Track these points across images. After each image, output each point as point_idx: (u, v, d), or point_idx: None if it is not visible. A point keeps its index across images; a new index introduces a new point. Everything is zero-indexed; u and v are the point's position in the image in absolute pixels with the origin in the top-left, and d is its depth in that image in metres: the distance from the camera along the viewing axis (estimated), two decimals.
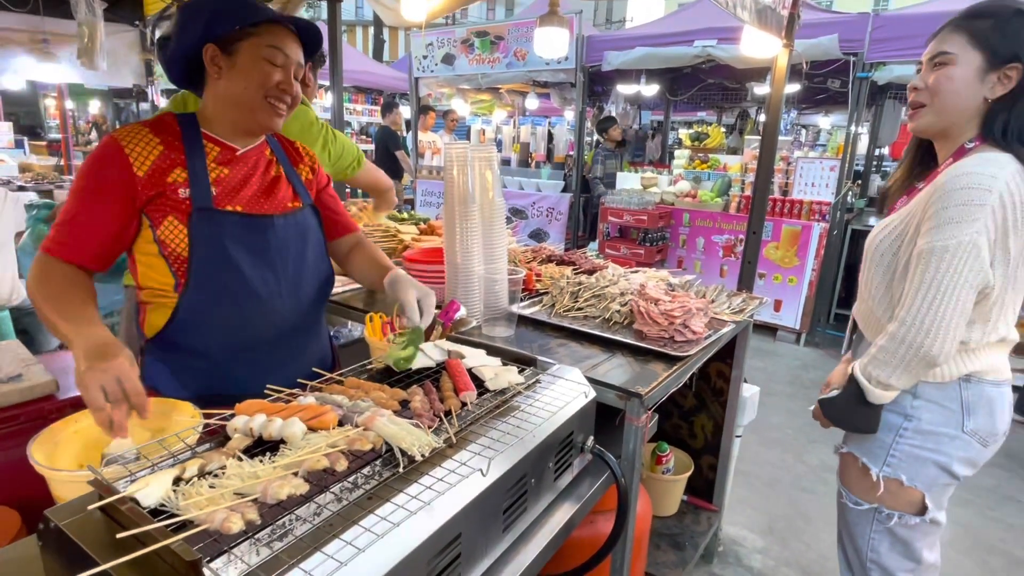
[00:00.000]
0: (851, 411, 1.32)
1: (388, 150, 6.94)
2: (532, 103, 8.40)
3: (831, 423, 1.39)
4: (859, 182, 6.90)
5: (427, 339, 1.29)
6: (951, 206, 1.14)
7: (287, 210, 1.31)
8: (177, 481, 0.77)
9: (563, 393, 1.17)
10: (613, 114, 7.30)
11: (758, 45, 2.34)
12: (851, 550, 1.48)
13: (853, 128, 4.88)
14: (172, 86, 1.84)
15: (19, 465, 1.00)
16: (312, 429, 0.90)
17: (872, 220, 5.48)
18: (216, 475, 0.80)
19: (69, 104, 8.51)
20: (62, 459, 0.97)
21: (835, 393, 1.37)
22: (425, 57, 6.83)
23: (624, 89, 6.82)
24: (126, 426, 0.95)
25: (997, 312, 1.23)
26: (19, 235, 3.17)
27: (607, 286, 1.83)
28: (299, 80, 1.25)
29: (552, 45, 3.12)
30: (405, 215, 2.68)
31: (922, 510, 1.34)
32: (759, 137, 5.26)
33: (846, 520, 1.47)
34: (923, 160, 1.41)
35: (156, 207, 1.16)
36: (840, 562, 1.55)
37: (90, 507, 0.73)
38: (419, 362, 1.20)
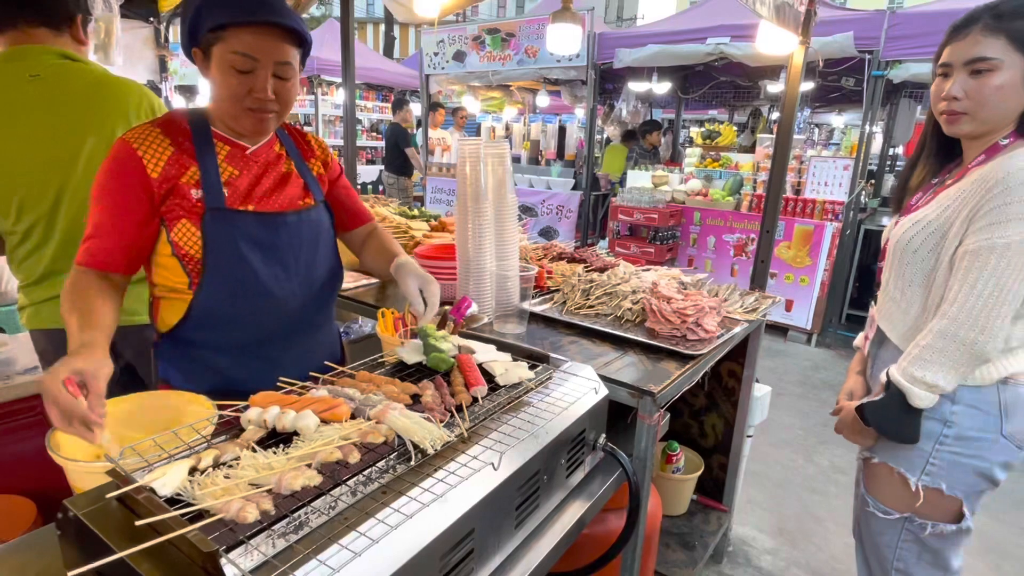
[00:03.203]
0: (896, 419, 1.27)
1: (398, 147, 6.97)
2: (543, 100, 8.36)
3: (878, 432, 1.32)
4: (873, 181, 6.84)
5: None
6: (1014, 202, 1.12)
7: (299, 207, 1.29)
8: (193, 471, 0.78)
9: (575, 390, 1.16)
10: (624, 112, 7.27)
11: (774, 42, 2.31)
12: (874, 560, 1.43)
13: (867, 127, 4.83)
14: (186, 83, 1.79)
15: (35, 455, 1.01)
16: (325, 421, 0.91)
17: (885, 220, 5.42)
18: (231, 466, 0.80)
19: None
20: (80, 450, 0.98)
21: (878, 398, 1.30)
22: (436, 54, 6.83)
23: (635, 87, 6.79)
24: (94, 435, 0.87)
25: None
26: None
27: (619, 284, 1.82)
28: (286, 79, 1.16)
29: (564, 41, 3.11)
30: (416, 212, 2.69)
31: (959, 518, 1.30)
32: (771, 135, 5.23)
33: (871, 530, 1.42)
34: (940, 155, 1.39)
35: (170, 209, 1.16)
36: (860, 571, 1.51)
37: (108, 495, 0.73)
38: None
